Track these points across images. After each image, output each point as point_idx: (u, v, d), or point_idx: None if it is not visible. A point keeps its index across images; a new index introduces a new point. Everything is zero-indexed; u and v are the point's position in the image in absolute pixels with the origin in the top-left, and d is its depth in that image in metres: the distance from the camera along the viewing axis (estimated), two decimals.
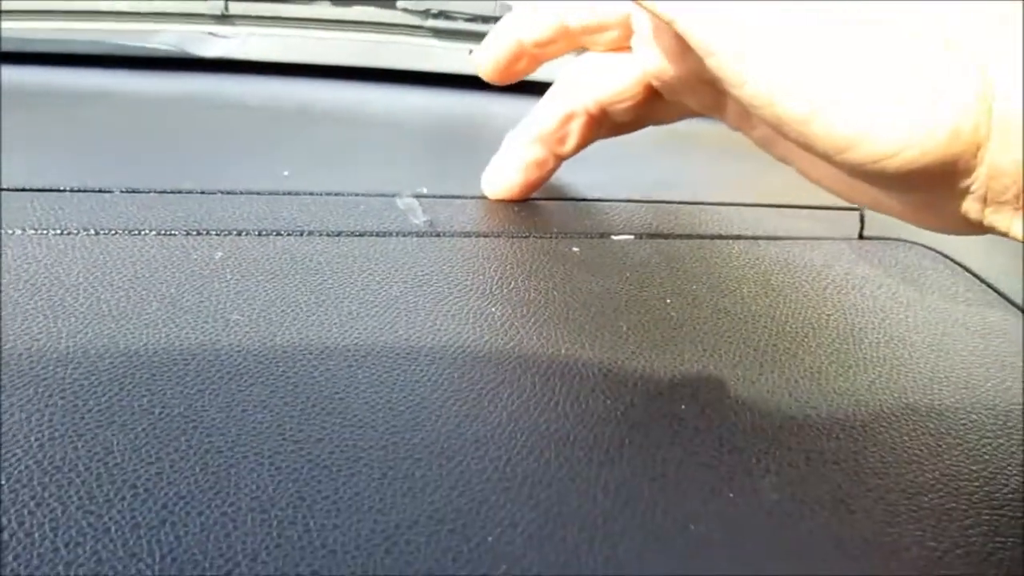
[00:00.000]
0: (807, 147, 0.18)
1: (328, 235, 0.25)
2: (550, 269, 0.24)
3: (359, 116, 0.39)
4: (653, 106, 0.26)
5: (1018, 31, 0.16)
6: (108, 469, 0.15)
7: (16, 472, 0.15)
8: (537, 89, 0.30)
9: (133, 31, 0.43)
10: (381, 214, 0.26)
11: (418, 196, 0.28)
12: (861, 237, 0.29)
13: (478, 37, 0.44)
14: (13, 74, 0.39)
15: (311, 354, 0.19)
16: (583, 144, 0.28)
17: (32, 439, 0.16)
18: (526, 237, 0.26)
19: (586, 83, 0.26)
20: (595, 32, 0.26)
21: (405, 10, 0.44)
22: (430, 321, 0.21)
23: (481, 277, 0.23)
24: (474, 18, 0.44)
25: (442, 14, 0.44)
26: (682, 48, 0.21)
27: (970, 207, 0.18)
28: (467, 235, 0.26)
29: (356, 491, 0.16)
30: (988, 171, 0.17)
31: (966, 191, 0.18)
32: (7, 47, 0.40)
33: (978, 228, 0.18)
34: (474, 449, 0.17)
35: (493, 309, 0.22)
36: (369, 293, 0.22)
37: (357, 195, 0.27)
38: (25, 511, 0.14)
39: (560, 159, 0.28)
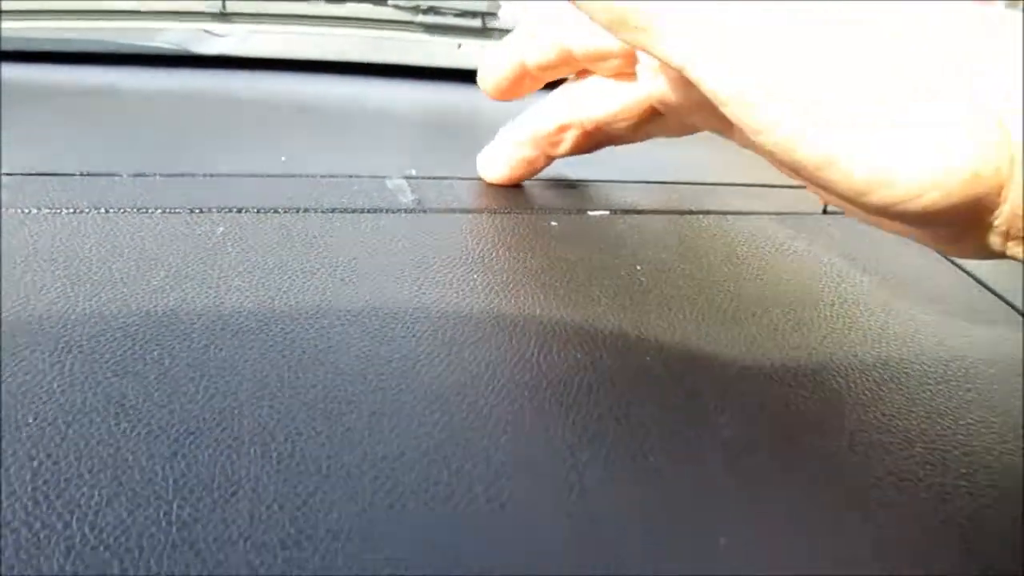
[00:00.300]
0: (826, 191, 0.18)
1: (322, 212, 0.26)
2: (530, 241, 0.26)
3: (352, 108, 0.41)
4: (654, 124, 0.27)
5: None
6: (124, 410, 0.17)
7: (41, 414, 0.17)
8: None
9: (134, 29, 0.44)
10: (372, 194, 0.28)
11: (407, 178, 0.30)
12: (824, 212, 0.31)
13: (467, 31, 0.46)
14: (17, 72, 0.40)
15: (306, 314, 0.21)
16: (576, 151, 0.29)
17: (55, 386, 0.18)
18: (508, 213, 0.28)
19: (586, 103, 0.27)
20: (598, 60, 0.26)
21: (396, 6, 0.46)
22: (416, 286, 0.23)
23: (464, 248, 0.25)
24: (463, 13, 0.46)
25: (432, 10, 0.46)
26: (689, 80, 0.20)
27: (993, 240, 0.18)
28: (452, 211, 0.28)
29: (348, 427, 0.17)
30: (1011, 208, 0.17)
31: (989, 226, 0.17)
32: (8, 46, 0.41)
33: (999, 255, 0.18)
34: (455, 394, 0.19)
35: (474, 276, 0.24)
36: (360, 262, 0.24)
37: (350, 177, 0.29)
38: (52, 444, 0.16)
39: (551, 159, 0.29)
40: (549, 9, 0.27)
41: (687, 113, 0.24)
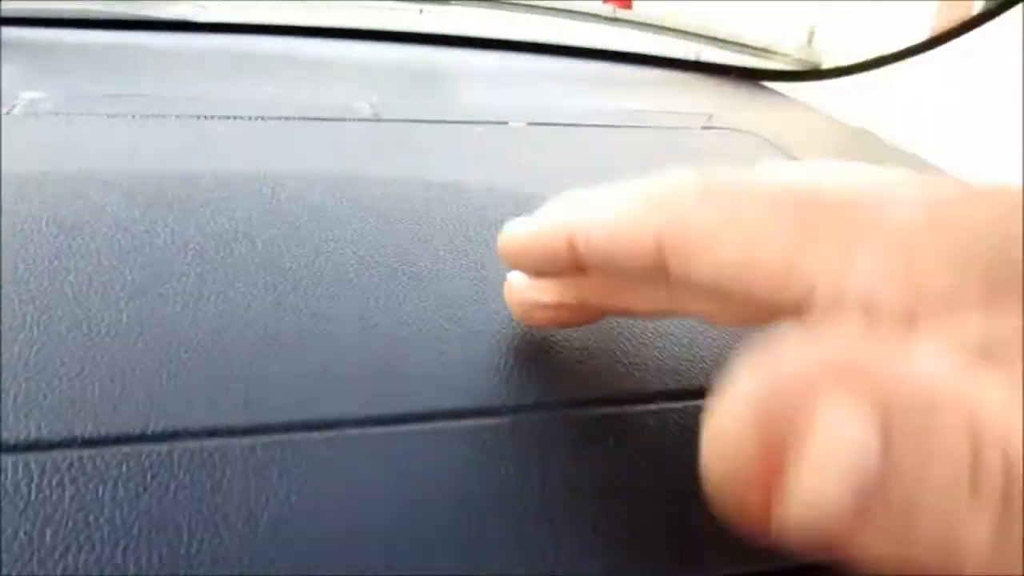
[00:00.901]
0: None
1: (298, 119, 0.34)
2: (458, 140, 0.34)
3: (327, 61, 0.48)
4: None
5: None
6: (150, 241, 0.25)
7: (91, 222, 0.24)
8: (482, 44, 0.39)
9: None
10: (338, 108, 0.36)
11: (368, 102, 0.37)
12: (706, 128, 0.39)
13: None
14: (47, 35, 0.48)
15: (280, 176, 0.29)
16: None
17: (99, 224, 0.25)
18: (446, 122, 0.36)
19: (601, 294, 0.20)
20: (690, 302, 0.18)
21: None
22: (366, 155, 0.31)
23: (404, 142, 0.33)
24: None
25: None
26: None
27: None
28: (401, 120, 0.35)
29: (316, 233, 0.25)
30: None
31: None
32: (32, 14, 0.49)
33: None
34: (391, 246, 0.26)
35: (412, 152, 0.31)
36: (324, 144, 0.31)
37: (321, 99, 0.37)
38: (100, 243, 0.24)
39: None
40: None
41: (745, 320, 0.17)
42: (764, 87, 0.55)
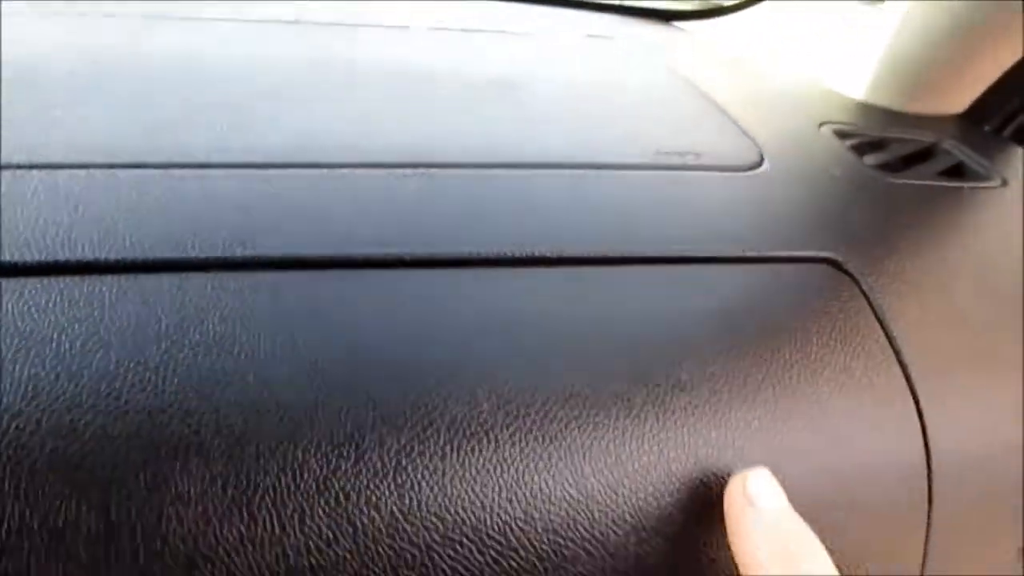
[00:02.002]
0: None
1: (226, 20, 0.40)
2: (362, 37, 0.40)
3: None
4: None
5: None
6: (82, 84, 0.31)
7: (33, 77, 0.30)
8: None
9: None
10: (262, 14, 0.42)
11: (294, 11, 0.44)
12: (590, 36, 0.45)
13: None
14: None
15: (202, 54, 0.35)
16: None
17: (50, 71, 0.31)
18: (356, 25, 0.42)
19: None
20: None
21: None
22: (281, 44, 0.37)
23: (316, 37, 0.39)
24: None
25: None
26: None
27: None
28: (317, 23, 0.41)
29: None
30: None
31: None
32: None
33: None
34: (277, 93, 0.33)
35: (320, 45, 0.38)
36: (247, 39, 0.38)
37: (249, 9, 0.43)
38: (33, 98, 0.30)
39: None
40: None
41: None
42: (670, 24, 0.61)
